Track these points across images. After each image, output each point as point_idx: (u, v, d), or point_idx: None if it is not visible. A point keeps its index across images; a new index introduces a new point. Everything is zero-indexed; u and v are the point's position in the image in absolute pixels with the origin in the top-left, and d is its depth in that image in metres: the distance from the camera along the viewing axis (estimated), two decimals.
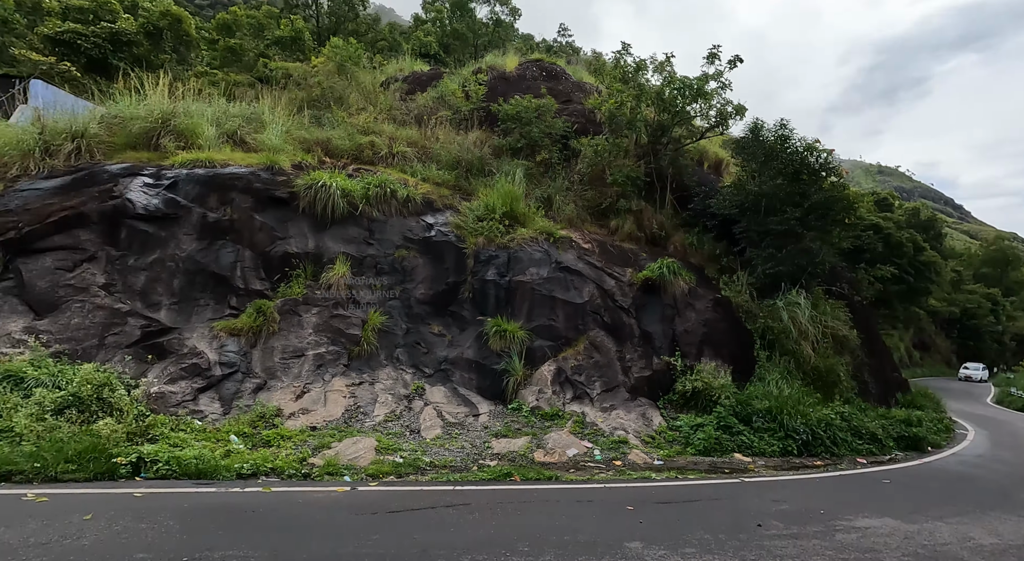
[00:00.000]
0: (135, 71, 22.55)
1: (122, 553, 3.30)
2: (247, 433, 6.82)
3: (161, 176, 10.71)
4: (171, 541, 3.53)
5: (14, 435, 5.44)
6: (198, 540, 3.57)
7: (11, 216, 9.09)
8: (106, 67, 22.59)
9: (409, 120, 17.05)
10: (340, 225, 11.14)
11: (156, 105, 12.81)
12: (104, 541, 3.48)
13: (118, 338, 8.14)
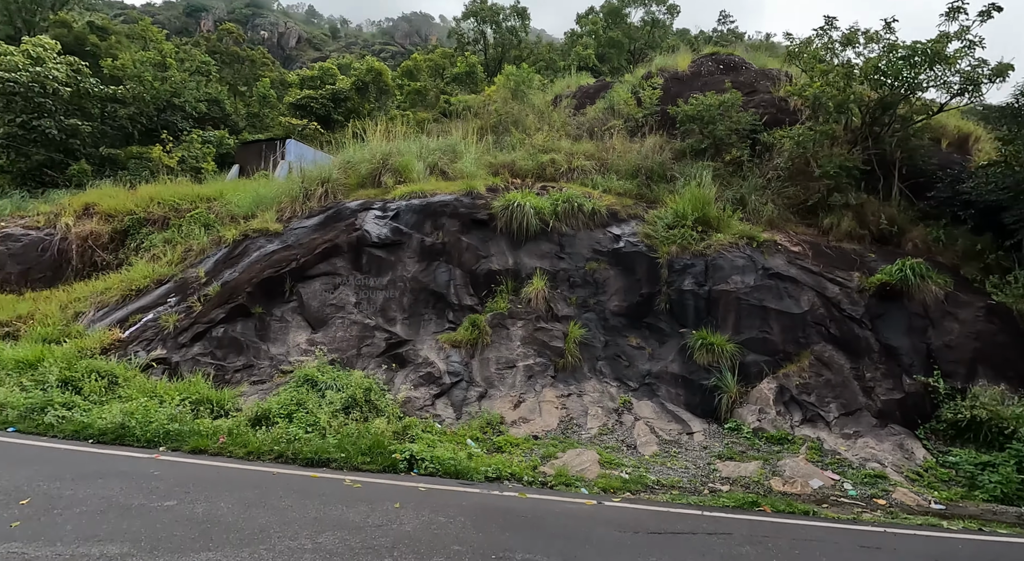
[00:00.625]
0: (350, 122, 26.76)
1: (440, 543, 3.78)
2: (480, 438, 7.41)
3: (387, 208, 12.40)
4: (472, 537, 3.94)
5: (319, 428, 6.67)
6: (494, 539, 3.93)
7: (291, 250, 11.38)
8: (329, 121, 27.28)
9: (582, 134, 17.26)
10: (533, 241, 11.64)
11: (376, 148, 14.95)
12: (420, 529, 4.03)
13: (370, 349, 9.58)
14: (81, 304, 11.81)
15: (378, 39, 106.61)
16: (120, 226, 14.93)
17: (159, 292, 11.61)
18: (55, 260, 14.13)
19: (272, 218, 13.09)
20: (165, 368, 9.03)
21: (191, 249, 13.70)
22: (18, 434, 6.37)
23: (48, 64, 18.82)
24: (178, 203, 15.67)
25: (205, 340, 9.53)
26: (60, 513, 3.92)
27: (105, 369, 8.40)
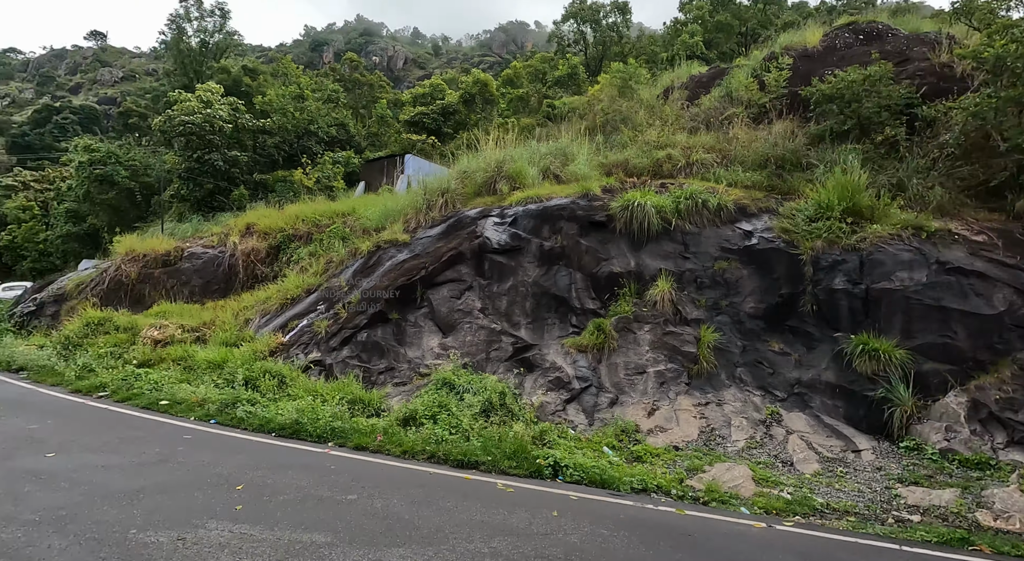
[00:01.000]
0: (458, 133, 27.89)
1: (613, 559, 3.67)
2: (616, 446, 7.20)
3: (504, 215, 12.63)
4: (644, 555, 3.79)
5: (462, 430, 6.91)
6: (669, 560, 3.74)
7: (419, 259, 12.05)
8: (439, 134, 28.71)
9: (698, 126, 16.25)
10: (655, 242, 11.13)
11: (490, 156, 15.32)
12: (587, 542, 3.97)
13: (498, 353, 9.80)
14: (249, 312, 13.55)
15: (476, 52, 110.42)
16: (274, 242, 16.91)
17: (309, 300, 12.93)
18: (226, 273, 16.39)
19: (400, 229, 13.97)
20: (321, 369, 9.99)
21: (331, 260, 15.10)
22: (218, 426, 7.39)
23: (215, 106, 21.99)
24: (318, 219, 17.39)
25: (352, 344, 10.39)
26: (269, 500, 4.42)
27: (275, 370, 9.49)
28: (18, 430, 6.33)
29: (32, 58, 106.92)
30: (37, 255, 34.02)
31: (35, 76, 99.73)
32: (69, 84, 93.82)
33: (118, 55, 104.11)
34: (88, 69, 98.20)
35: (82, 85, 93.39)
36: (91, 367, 10.60)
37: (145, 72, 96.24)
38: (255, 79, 29.46)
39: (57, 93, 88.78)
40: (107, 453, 5.65)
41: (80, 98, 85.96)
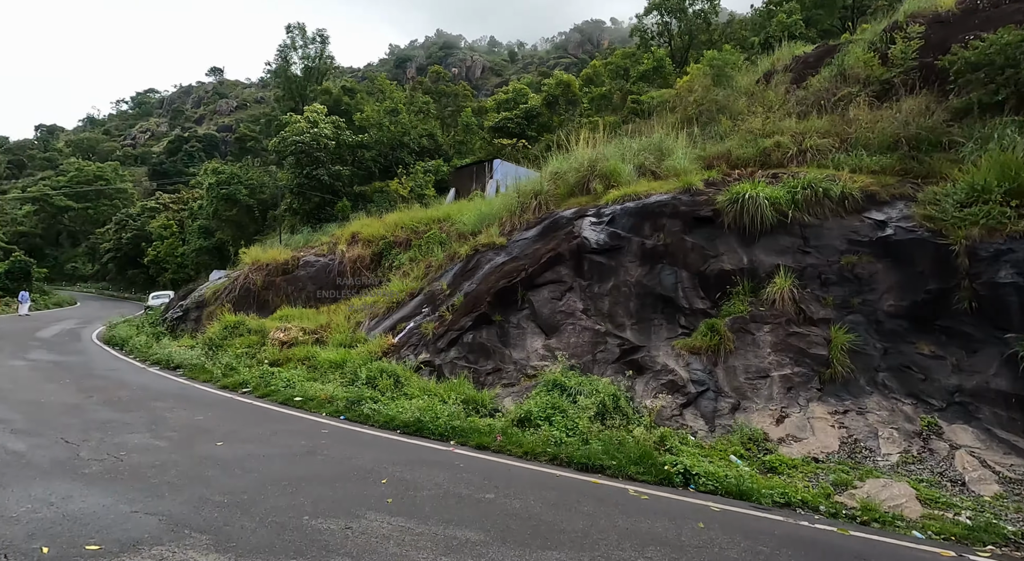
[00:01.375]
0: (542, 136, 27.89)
1: None
2: (744, 455, 6.71)
3: (601, 214, 12.36)
4: None
5: (579, 433, 6.79)
6: None
7: (518, 261, 12.14)
8: (523, 138, 28.96)
9: (807, 110, 14.92)
10: (768, 236, 10.33)
11: (582, 156, 15.10)
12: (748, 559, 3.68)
13: (604, 354, 9.58)
14: (359, 315, 14.43)
15: (552, 54, 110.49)
16: (377, 249, 17.90)
17: (414, 303, 13.51)
18: (335, 279, 17.61)
19: (496, 233, 14.19)
20: (431, 370, 10.35)
21: (431, 265, 15.69)
22: (347, 421, 7.87)
23: (320, 125, 23.81)
24: (416, 226, 18.16)
25: (458, 345, 10.66)
26: (414, 495, 4.59)
27: (389, 370, 9.99)
28: (189, 421, 7.14)
29: (165, 96, 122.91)
30: (176, 267, 38.87)
31: (168, 111, 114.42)
32: (195, 116, 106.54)
33: (233, 87, 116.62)
34: (209, 101, 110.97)
35: (205, 116, 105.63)
36: (232, 366, 11.80)
37: (255, 100, 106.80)
38: (353, 98, 31.61)
39: (185, 125, 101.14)
40: (263, 444, 6.18)
41: (203, 128, 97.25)
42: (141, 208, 52.98)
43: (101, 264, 55.45)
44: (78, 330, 22.00)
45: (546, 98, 28.87)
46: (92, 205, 60.82)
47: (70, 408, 7.61)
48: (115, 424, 6.71)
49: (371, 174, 26.35)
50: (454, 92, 36.12)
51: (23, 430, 6.16)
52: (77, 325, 23.94)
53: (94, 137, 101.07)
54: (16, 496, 4.12)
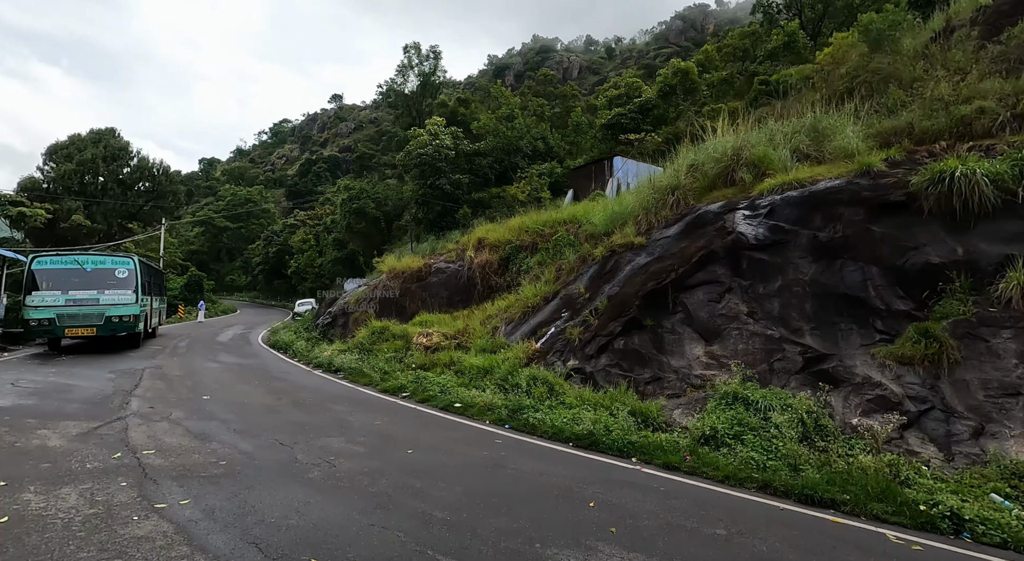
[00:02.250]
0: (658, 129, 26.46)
1: None
2: (1011, 494, 5.35)
3: (756, 206, 11.10)
4: None
5: (781, 456, 5.90)
6: None
7: (663, 261, 11.33)
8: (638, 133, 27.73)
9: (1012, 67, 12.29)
10: (989, 221, 8.47)
11: (722, 145, 13.83)
12: None
13: (783, 363, 8.46)
14: (494, 320, 14.52)
15: (652, 46, 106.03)
16: (503, 254, 18.01)
17: (551, 308, 13.25)
18: (466, 285, 18.02)
19: (631, 232, 13.46)
20: (582, 377, 9.95)
21: (561, 268, 15.36)
22: (513, 431, 7.71)
23: (441, 137, 24.75)
24: (541, 229, 17.99)
25: (609, 352, 10.14)
26: (633, 523, 4.17)
27: (540, 377, 9.76)
28: (370, 425, 7.43)
29: (296, 124, 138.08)
30: (313, 277, 43.02)
31: (298, 138, 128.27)
32: (320, 140, 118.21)
33: (350, 110, 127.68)
34: (331, 125, 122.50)
35: (328, 139, 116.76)
36: (386, 370, 12.39)
37: (369, 121, 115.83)
38: (467, 108, 32.67)
39: (312, 148, 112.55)
40: (448, 453, 6.15)
41: (327, 150, 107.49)
42: (282, 225, 59.67)
43: (253, 276, 63.41)
44: (246, 334, 25.02)
45: (661, 89, 27.36)
46: (244, 224, 69.81)
47: (268, 409, 8.32)
48: (310, 427, 7.14)
49: (487, 180, 26.87)
50: (562, 93, 35.83)
51: (242, 430, 6.74)
52: (243, 330, 27.27)
53: (242, 166, 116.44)
54: (265, 500, 4.34)
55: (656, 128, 27.70)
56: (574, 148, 31.44)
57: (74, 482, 4.56)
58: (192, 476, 4.87)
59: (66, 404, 7.98)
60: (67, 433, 6.23)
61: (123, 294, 15.17)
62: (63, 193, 33.01)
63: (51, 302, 14.15)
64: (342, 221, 32.87)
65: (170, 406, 8.18)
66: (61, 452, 5.45)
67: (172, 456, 5.49)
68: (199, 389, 9.91)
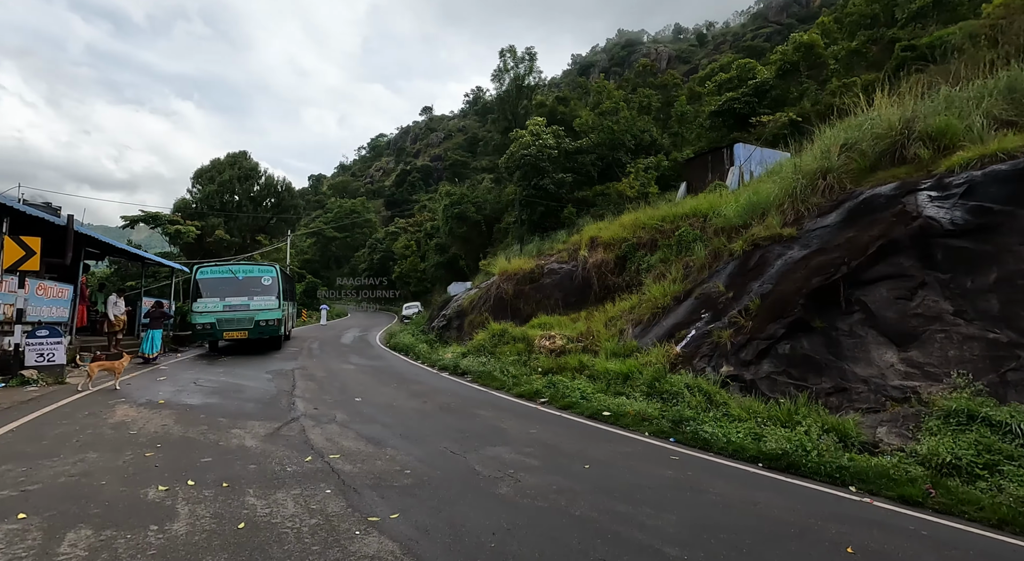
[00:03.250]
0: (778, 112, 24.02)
1: None
2: None
3: (945, 186, 9.35)
4: None
5: None
6: None
7: (826, 254, 9.90)
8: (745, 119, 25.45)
9: None
10: None
11: (885, 118, 11.95)
12: None
13: (1019, 375, 6.88)
14: (619, 322, 13.76)
15: (749, 27, 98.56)
16: (619, 252, 17.17)
17: (685, 308, 12.24)
18: (580, 286, 17.41)
19: (777, 222, 12.06)
20: (741, 385, 8.91)
21: (689, 265, 14.22)
22: (678, 444, 6.96)
23: (543, 136, 24.42)
24: (659, 225, 16.90)
25: (772, 357, 9.00)
26: None
27: (693, 384, 8.88)
28: (527, 434, 7.07)
29: (391, 137, 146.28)
30: (416, 281, 44.85)
31: (393, 150, 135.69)
32: (413, 151, 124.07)
33: (440, 121, 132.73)
34: (422, 136, 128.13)
35: (420, 150, 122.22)
36: (514, 374, 12.14)
37: (457, 129, 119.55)
38: (567, 106, 32.20)
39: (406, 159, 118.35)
40: (628, 471, 5.58)
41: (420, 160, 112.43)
42: (385, 233, 63.11)
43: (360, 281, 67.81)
44: (364, 336, 26.43)
45: (780, 68, 24.84)
46: (350, 234, 74.90)
47: (420, 413, 8.30)
48: (470, 433, 6.93)
49: (589, 178, 26.10)
50: (662, 82, 34.07)
51: (407, 436, 6.67)
52: (360, 332, 28.87)
53: (345, 179, 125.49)
54: (470, 519, 4.05)
55: (775, 110, 25.21)
56: (678, 140, 29.65)
57: (284, 486, 4.58)
58: (386, 486, 4.73)
59: (244, 403, 8.52)
60: (256, 433, 6.51)
61: (268, 300, 16.47)
62: (207, 211, 37.41)
63: (212, 308, 15.70)
64: (444, 226, 33.79)
65: (330, 407, 8.44)
66: (259, 453, 5.62)
67: (357, 462, 5.45)
68: (348, 391, 10.25)
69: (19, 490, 4.28)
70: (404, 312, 35.37)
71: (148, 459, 5.27)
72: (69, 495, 4.20)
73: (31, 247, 9.00)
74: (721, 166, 20.29)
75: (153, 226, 33.64)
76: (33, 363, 9.32)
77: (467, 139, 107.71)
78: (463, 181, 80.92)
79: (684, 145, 28.96)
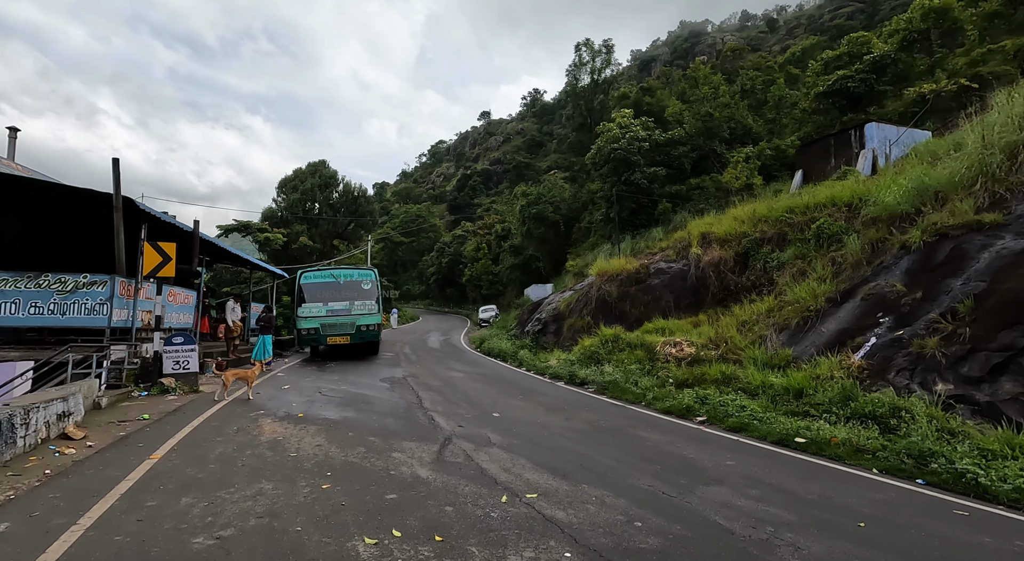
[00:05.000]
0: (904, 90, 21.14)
1: None
2: None
3: None
4: None
5: None
6: None
7: None
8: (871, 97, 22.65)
9: None
10: None
11: None
12: None
13: None
14: (758, 327, 12.10)
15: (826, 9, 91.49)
16: (739, 249, 15.44)
17: (848, 311, 10.45)
18: (694, 286, 15.80)
19: (969, 207, 10.06)
20: (972, 408, 7.16)
21: (838, 261, 12.35)
22: (933, 488, 5.44)
23: (632, 128, 22.94)
24: (786, 217, 15.04)
25: (1014, 373, 7.18)
26: None
27: (901, 405, 7.25)
28: (723, 466, 5.81)
29: (450, 144, 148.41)
30: (487, 284, 44.35)
31: (453, 156, 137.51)
32: (472, 155, 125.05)
33: (498, 125, 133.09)
34: (481, 141, 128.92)
35: (479, 154, 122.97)
36: (645, 385, 10.85)
37: (516, 132, 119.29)
38: (653, 97, 30.51)
39: (466, 164, 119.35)
40: (922, 535, 4.18)
41: (479, 164, 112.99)
42: (451, 237, 63.37)
43: (427, 284, 68.51)
44: (448, 340, 25.98)
45: (904, 38, 21.92)
46: (415, 239, 76.06)
47: (576, 433, 7.25)
48: (659, 465, 5.78)
49: (682, 171, 24.27)
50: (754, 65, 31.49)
51: (589, 467, 5.63)
52: (442, 336, 28.51)
53: (408, 186, 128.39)
54: None
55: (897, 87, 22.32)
56: (775, 126, 27.12)
57: (509, 545, 3.61)
58: (631, 549, 3.64)
59: (382, 418, 7.80)
60: (420, 459, 5.67)
61: (368, 304, 16.12)
62: (292, 218, 38.71)
63: (315, 313, 15.52)
64: (520, 227, 32.91)
65: (474, 424, 7.55)
66: (443, 489, 4.73)
67: (563, 505, 4.43)
68: (476, 403, 9.39)
69: (214, 536, 3.56)
70: (480, 315, 34.80)
71: (329, 494, 4.49)
72: (271, 549, 3.42)
73: (167, 253, 8.85)
74: (846, 150, 17.95)
75: (244, 234, 35.05)
76: (170, 371, 9.16)
77: (525, 141, 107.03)
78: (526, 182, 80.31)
79: (783, 132, 26.40)
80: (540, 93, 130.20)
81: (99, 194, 8.51)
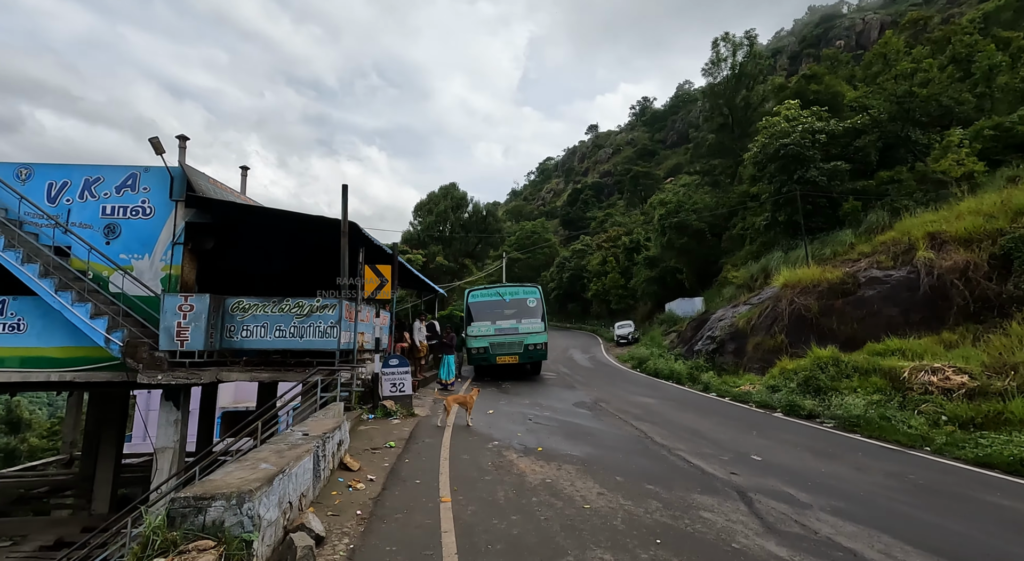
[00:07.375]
0: None
1: None
2: None
3: None
4: None
5: None
6: None
7: None
8: None
9: None
10: None
11: None
12: None
13: None
14: None
15: None
16: (994, 251, 12.34)
17: None
18: (927, 297, 12.94)
19: None
20: None
21: None
22: None
23: (802, 120, 20.20)
24: None
25: None
26: None
27: None
28: None
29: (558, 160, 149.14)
30: (617, 298, 42.46)
31: (562, 172, 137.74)
32: (581, 169, 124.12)
33: (606, 137, 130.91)
34: (590, 154, 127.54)
35: (588, 167, 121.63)
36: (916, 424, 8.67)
37: (626, 143, 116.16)
38: (820, 84, 27.14)
39: (576, 178, 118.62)
40: None
41: (589, 178, 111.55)
42: (570, 251, 62.49)
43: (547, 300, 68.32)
44: (593, 357, 24.81)
45: None
46: (531, 255, 76.54)
47: (891, 491, 5.69)
48: None
49: (867, 164, 20.78)
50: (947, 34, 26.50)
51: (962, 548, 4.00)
52: (581, 353, 27.40)
53: (518, 204, 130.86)
54: None
55: None
56: (985, 102, 22.28)
57: None
58: None
59: (628, 456, 6.85)
60: (740, 521, 4.55)
61: (534, 323, 15.57)
62: (428, 240, 40.74)
63: (484, 332, 15.31)
64: (660, 238, 30.87)
65: (746, 470, 6.26)
66: None
67: None
68: (710, 439, 8.07)
69: None
70: (616, 331, 33.14)
71: None
72: None
73: (384, 275, 9.00)
74: None
75: None
76: (388, 393, 9.23)
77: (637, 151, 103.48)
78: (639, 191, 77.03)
79: (988, 112, 21.55)
80: (650, 101, 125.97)
81: (330, 220, 8.87)
